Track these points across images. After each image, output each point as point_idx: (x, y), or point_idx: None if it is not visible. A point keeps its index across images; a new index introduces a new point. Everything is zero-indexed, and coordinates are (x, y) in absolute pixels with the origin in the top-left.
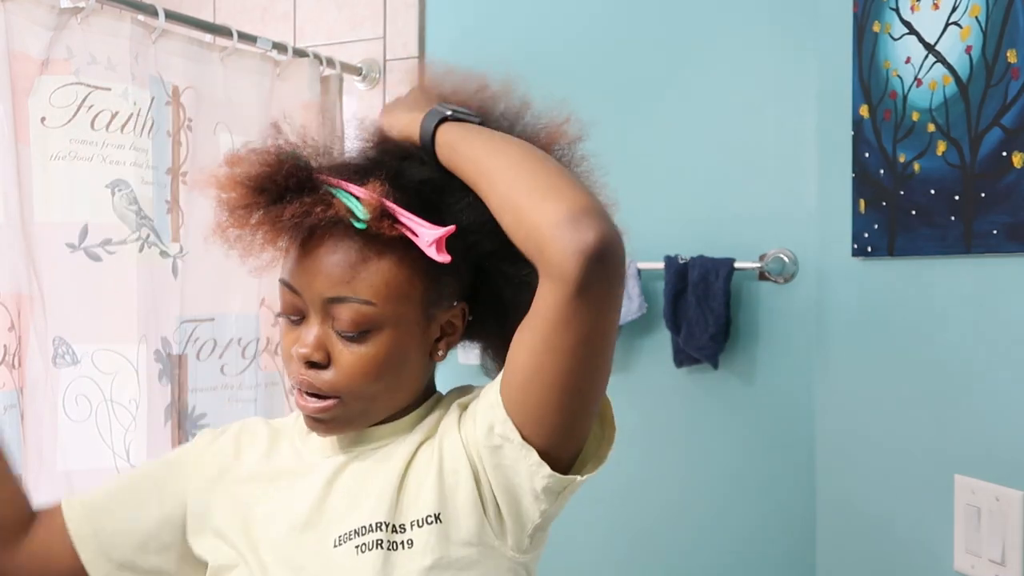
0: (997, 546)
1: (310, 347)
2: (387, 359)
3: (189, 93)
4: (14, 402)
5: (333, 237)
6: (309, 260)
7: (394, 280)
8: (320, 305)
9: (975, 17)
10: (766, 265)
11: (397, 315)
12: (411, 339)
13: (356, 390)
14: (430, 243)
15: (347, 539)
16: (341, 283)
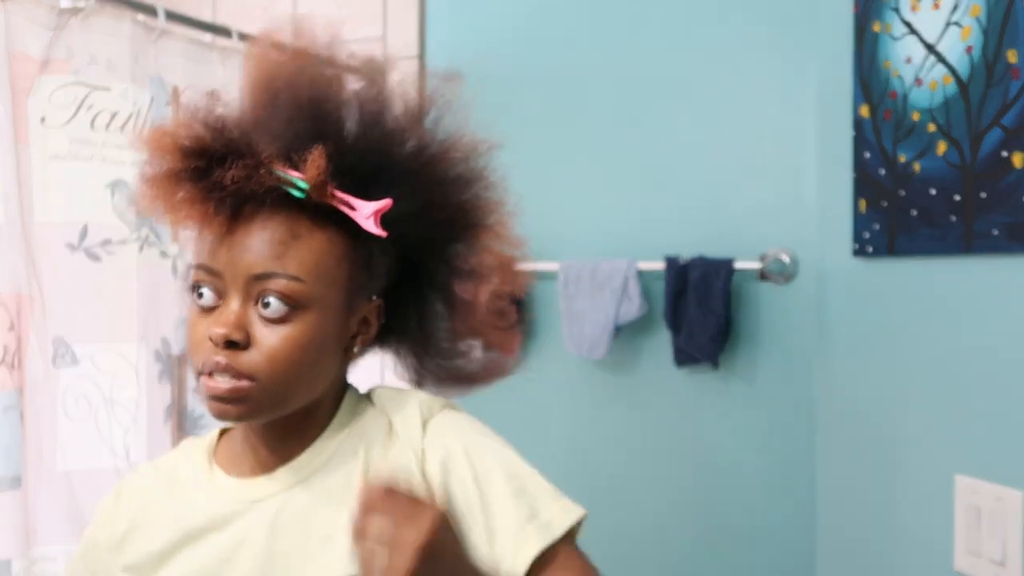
0: (997, 546)
1: (230, 326)
2: (308, 343)
3: (189, 93)
4: (14, 402)
5: (262, 215)
6: (235, 238)
7: (323, 260)
8: (244, 283)
9: (975, 17)
10: (766, 265)
11: (322, 297)
12: (332, 326)
13: (275, 372)
14: (368, 215)
15: None
16: (270, 259)
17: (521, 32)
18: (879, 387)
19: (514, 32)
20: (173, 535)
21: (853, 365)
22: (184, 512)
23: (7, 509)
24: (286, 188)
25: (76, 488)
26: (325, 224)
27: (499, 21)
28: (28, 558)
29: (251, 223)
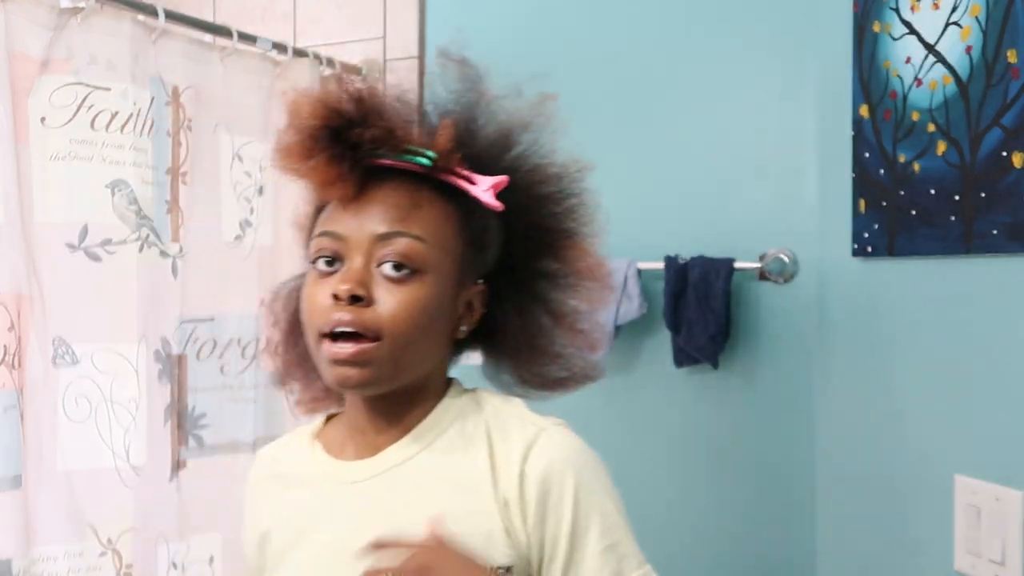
0: (997, 546)
1: (354, 282)
2: (426, 306)
3: (189, 93)
4: (14, 402)
5: (386, 184)
6: (360, 204)
7: (442, 228)
8: (368, 245)
9: (975, 17)
10: (766, 265)
11: (440, 264)
12: (446, 296)
13: (397, 331)
14: (487, 188)
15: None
16: (396, 220)
17: (521, 32)
18: (879, 387)
19: (514, 32)
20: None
21: (853, 365)
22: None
23: (7, 509)
24: (414, 157)
25: (76, 488)
26: (445, 198)
27: (499, 21)
28: (28, 558)
29: (376, 191)
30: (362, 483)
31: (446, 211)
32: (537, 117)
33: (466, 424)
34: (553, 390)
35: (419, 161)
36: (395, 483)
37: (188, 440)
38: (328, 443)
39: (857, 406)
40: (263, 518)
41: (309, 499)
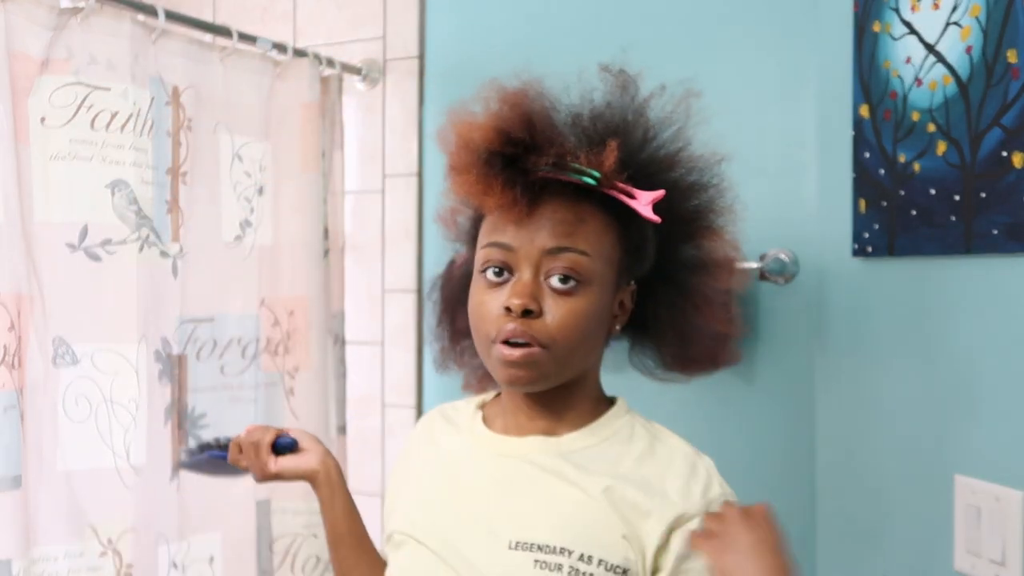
0: (997, 546)
1: (526, 296)
2: (591, 315)
3: (189, 93)
4: (14, 402)
5: (553, 202)
6: (530, 220)
7: (604, 240)
8: (537, 258)
9: (975, 17)
10: (766, 265)
11: (603, 274)
12: (606, 302)
13: (564, 340)
14: (647, 203)
15: (526, 548)
16: (563, 236)
17: (521, 32)
18: (879, 387)
19: (514, 32)
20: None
21: (853, 365)
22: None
23: (7, 509)
24: (581, 176)
25: (76, 488)
26: (605, 211)
27: (499, 21)
28: (28, 558)
29: (545, 207)
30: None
31: (607, 223)
32: (679, 113)
33: (634, 433)
34: (695, 373)
35: (586, 180)
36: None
37: (188, 440)
38: (489, 415)
39: (857, 406)
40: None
41: (460, 454)
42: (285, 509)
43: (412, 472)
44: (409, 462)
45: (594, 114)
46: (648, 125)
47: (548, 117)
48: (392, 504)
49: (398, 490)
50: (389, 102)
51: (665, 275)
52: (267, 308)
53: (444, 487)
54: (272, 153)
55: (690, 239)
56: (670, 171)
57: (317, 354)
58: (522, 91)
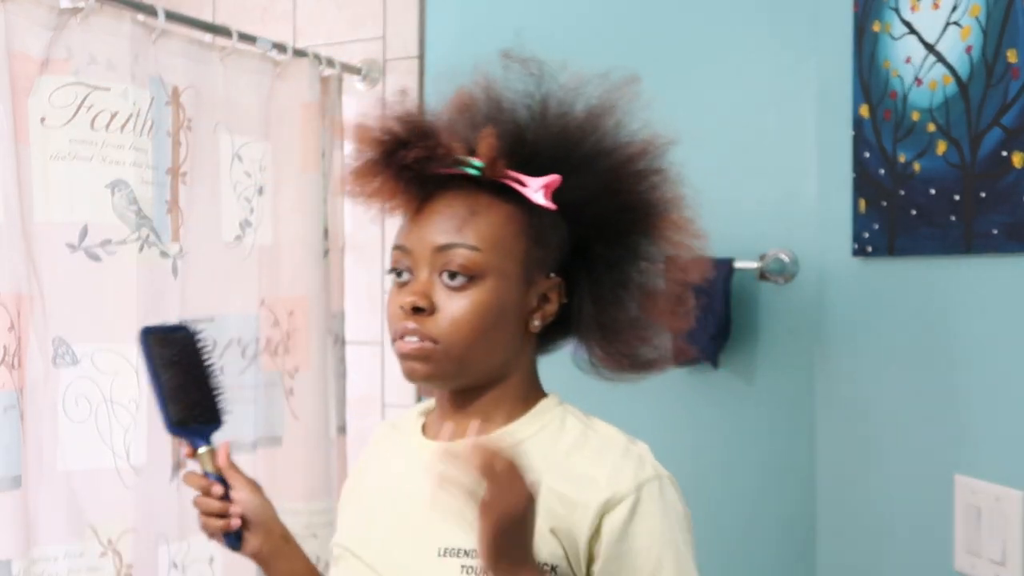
0: (997, 546)
1: (417, 295)
2: (487, 309)
3: (189, 93)
4: (14, 402)
5: (445, 196)
6: (422, 217)
7: (500, 232)
8: (429, 256)
9: (975, 17)
10: (766, 265)
11: (500, 267)
12: (510, 296)
13: (455, 335)
14: (537, 188)
15: (453, 555)
16: (451, 231)
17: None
18: (879, 387)
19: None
20: (369, 478)
21: (853, 365)
22: (384, 460)
23: (7, 509)
24: (464, 167)
25: (76, 488)
26: (503, 201)
27: (499, 21)
28: (28, 558)
29: (436, 203)
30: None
31: (506, 213)
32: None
33: (565, 425)
34: (642, 371)
35: (468, 171)
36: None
37: None
38: (428, 422)
39: (857, 406)
40: (364, 470)
41: (400, 464)
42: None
43: (360, 485)
44: (359, 475)
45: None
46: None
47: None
48: (340, 517)
49: (345, 502)
50: (389, 102)
51: (604, 270)
52: (267, 308)
53: (383, 498)
54: (272, 153)
55: (634, 228)
56: (601, 158)
57: (317, 354)
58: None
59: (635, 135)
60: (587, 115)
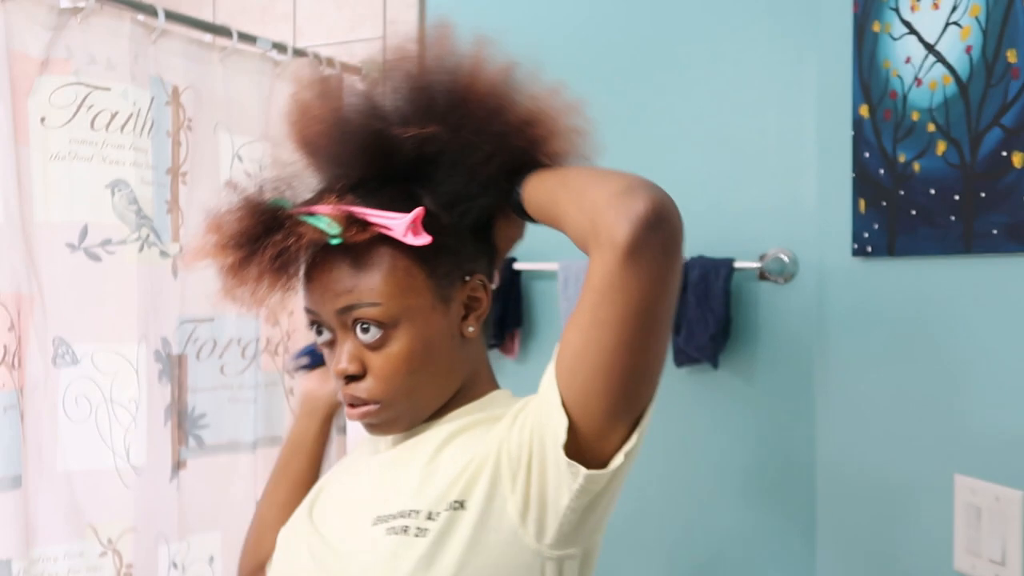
0: (997, 546)
1: (344, 362)
2: (413, 352)
3: (189, 93)
4: (14, 402)
5: (328, 257)
6: (316, 283)
7: (391, 276)
8: (336, 320)
9: (975, 17)
10: (766, 265)
11: (407, 307)
12: (431, 327)
13: (393, 391)
14: (404, 232)
15: (383, 520)
16: (344, 293)
17: (521, 32)
18: (879, 387)
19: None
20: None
21: (853, 365)
22: (361, 452)
23: (7, 509)
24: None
25: (76, 488)
26: (382, 244)
27: (499, 21)
28: (28, 558)
29: (323, 264)
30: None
31: (391, 254)
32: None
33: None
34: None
35: (331, 242)
36: (405, 448)
37: (188, 440)
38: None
39: (857, 406)
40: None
41: (361, 463)
42: None
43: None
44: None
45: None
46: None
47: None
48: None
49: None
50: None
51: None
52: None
53: (344, 489)
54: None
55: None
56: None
57: None
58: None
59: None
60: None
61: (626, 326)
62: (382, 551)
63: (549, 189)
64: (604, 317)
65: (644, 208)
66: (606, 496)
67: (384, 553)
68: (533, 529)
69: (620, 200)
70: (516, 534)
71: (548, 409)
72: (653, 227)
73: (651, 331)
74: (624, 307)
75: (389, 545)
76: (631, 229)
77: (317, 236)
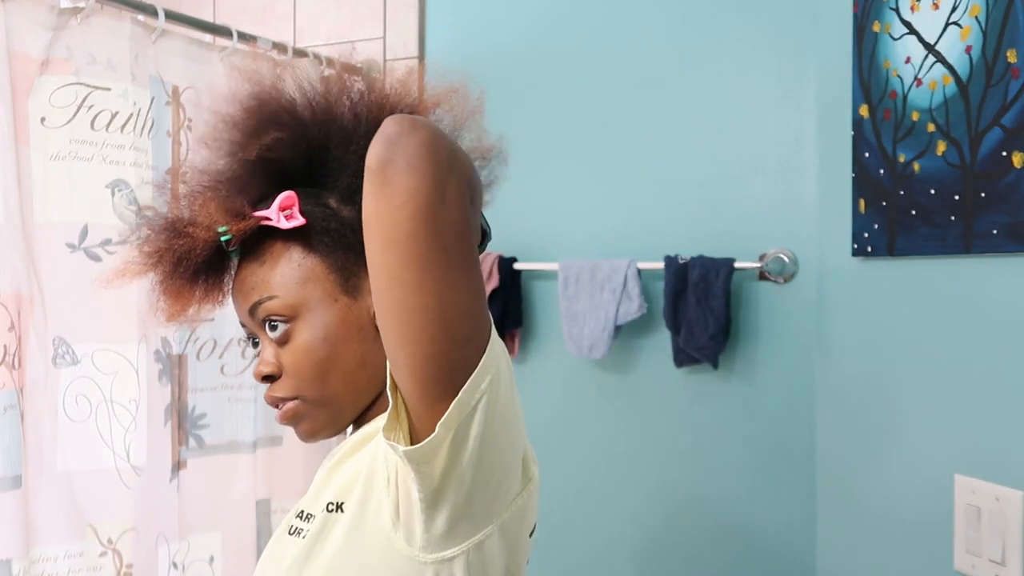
0: (997, 546)
1: (260, 364)
2: (314, 343)
3: (189, 93)
4: (14, 402)
5: (241, 264)
6: (234, 290)
7: (286, 267)
8: (252, 324)
9: (975, 17)
10: (766, 265)
11: (304, 298)
12: (332, 317)
13: (308, 383)
14: (276, 216)
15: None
16: (249, 292)
17: (521, 32)
18: (879, 387)
19: (514, 32)
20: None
21: (852, 365)
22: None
23: (7, 509)
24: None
25: (76, 488)
26: (274, 241)
27: (499, 21)
28: (28, 558)
29: (238, 271)
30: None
31: (283, 246)
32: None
33: None
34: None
35: (223, 242)
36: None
37: (188, 440)
38: None
39: (857, 406)
40: None
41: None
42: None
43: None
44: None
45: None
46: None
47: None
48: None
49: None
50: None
51: None
52: None
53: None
54: None
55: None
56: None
57: None
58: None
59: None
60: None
61: (388, 257)
62: (279, 552)
63: None
64: (369, 254)
65: (393, 126)
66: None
67: (278, 553)
68: (403, 534)
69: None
70: (389, 539)
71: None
72: (396, 139)
73: (414, 262)
74: (382, 236)
75: (283, 546)
76: (377, 146)
77: (209, 235)
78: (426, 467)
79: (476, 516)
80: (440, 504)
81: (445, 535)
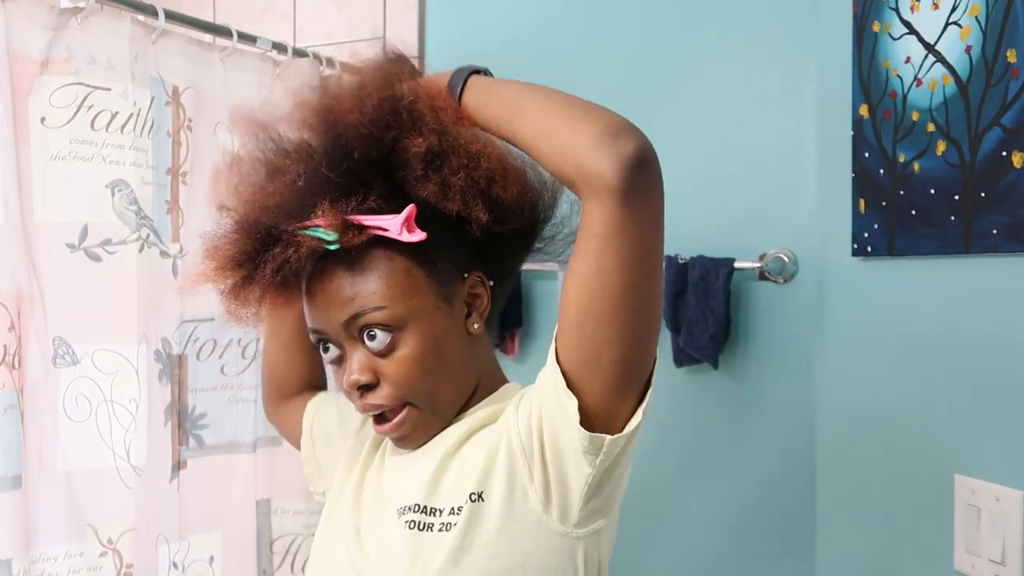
0: (997, 546)
1: (356, 372)
2: (424, 353)
3: (189, 93)
4: (14, 402)
5: (324, 270)
6: (317, 299)
7: (391, 279)
8: (343, 333)
9: (975, 17)
10: (766, 265)
11: (412, 308)
12: (438, 325)
13: (413, 391)
14: (399, 230)
15: (402, 513)
16: (347, 303)
17: (521, 32)
18: (879, 387)
19: (514, 32)
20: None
21: (853, 365)
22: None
23: (7, 509)
24: (323, 248)
25: (76, 488)
26: (376, 249)
27: (499, 21)
28: (28, 558)
29: (321, 279)
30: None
31: (387, 256)
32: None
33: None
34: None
35: (330, 248)
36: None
37: (188, 440)
38: None
39: (857, 406)
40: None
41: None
42: (285, 509)
43: (345, 451)
44: (347, 441)
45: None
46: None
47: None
48: (329, 472)
49: (336, 462)
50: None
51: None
52: None
53: (372, 478)
54: None
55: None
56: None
57: None
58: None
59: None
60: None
61: (630, 268)
62: (409, 549)
63: (500, 109)
64: (609, 263)
65: (633, 149)
66: (621, 462)
67: (411, 551)
68: (557, 514)
69: (608, 143)
70: (541, 521)
71: (552, 394)
72: (644, 169)
73: (651, 272)
74: (628, 249)
75: (417, 543)
76: (625, 172)
77: (315, 244)
78: (611, 452)
79: (620, 489)
80: (606, 483)
81: (598, 510)
